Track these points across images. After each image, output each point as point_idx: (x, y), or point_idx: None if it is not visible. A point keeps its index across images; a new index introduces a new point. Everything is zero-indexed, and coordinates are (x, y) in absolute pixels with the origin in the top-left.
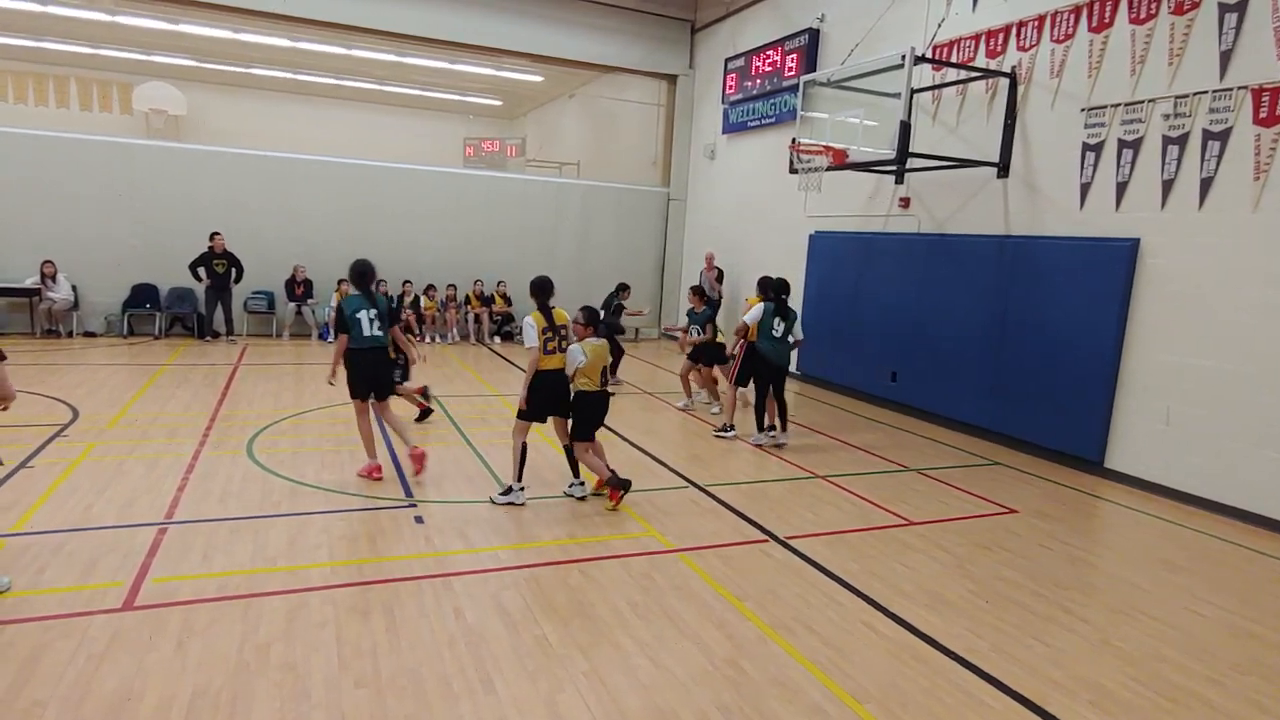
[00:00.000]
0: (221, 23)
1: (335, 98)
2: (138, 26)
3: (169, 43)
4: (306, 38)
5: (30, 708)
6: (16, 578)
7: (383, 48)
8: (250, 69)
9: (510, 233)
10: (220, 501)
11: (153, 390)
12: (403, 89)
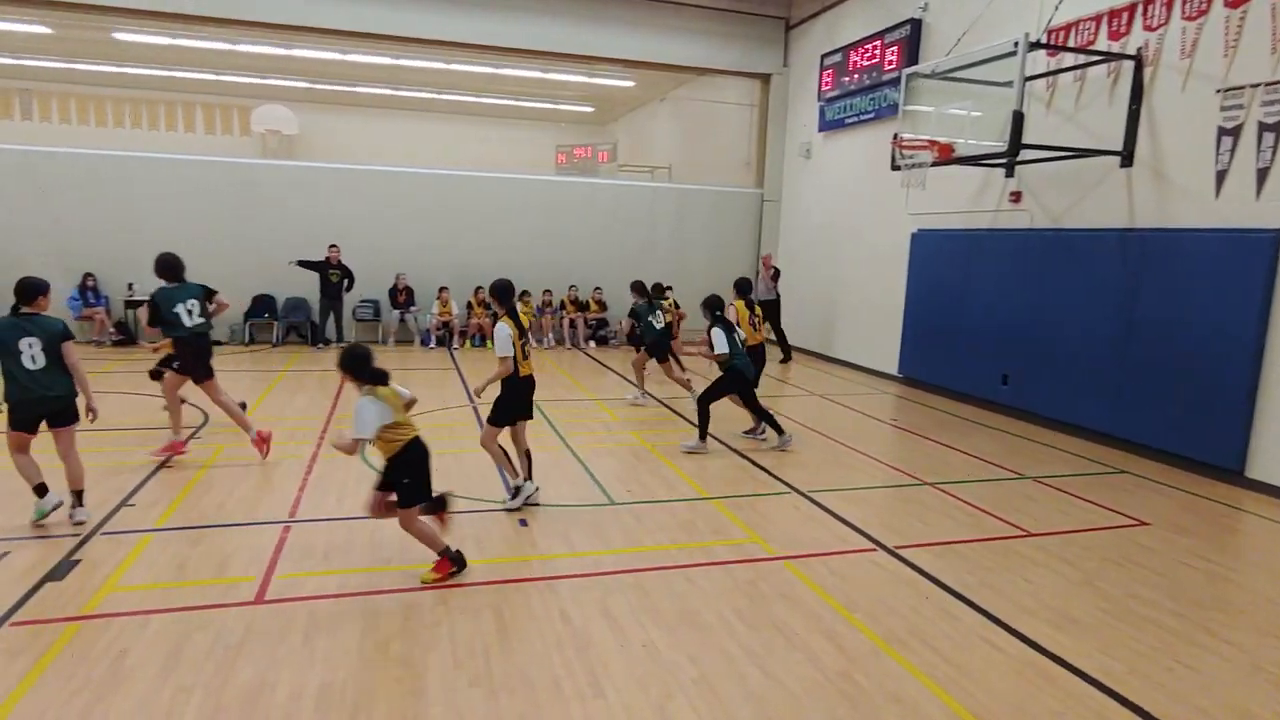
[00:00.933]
0: (331, 45)
1: (434, 111)
2: (255, 53)
3: (283, 66)
4: (408, 55)
5: (177, 693)
6: (162, 569)
7: (480, 61)
8: (355, 88)
9: (604, 238)
10: (337, 502)
11: (272, 395)
12: (497, 100)
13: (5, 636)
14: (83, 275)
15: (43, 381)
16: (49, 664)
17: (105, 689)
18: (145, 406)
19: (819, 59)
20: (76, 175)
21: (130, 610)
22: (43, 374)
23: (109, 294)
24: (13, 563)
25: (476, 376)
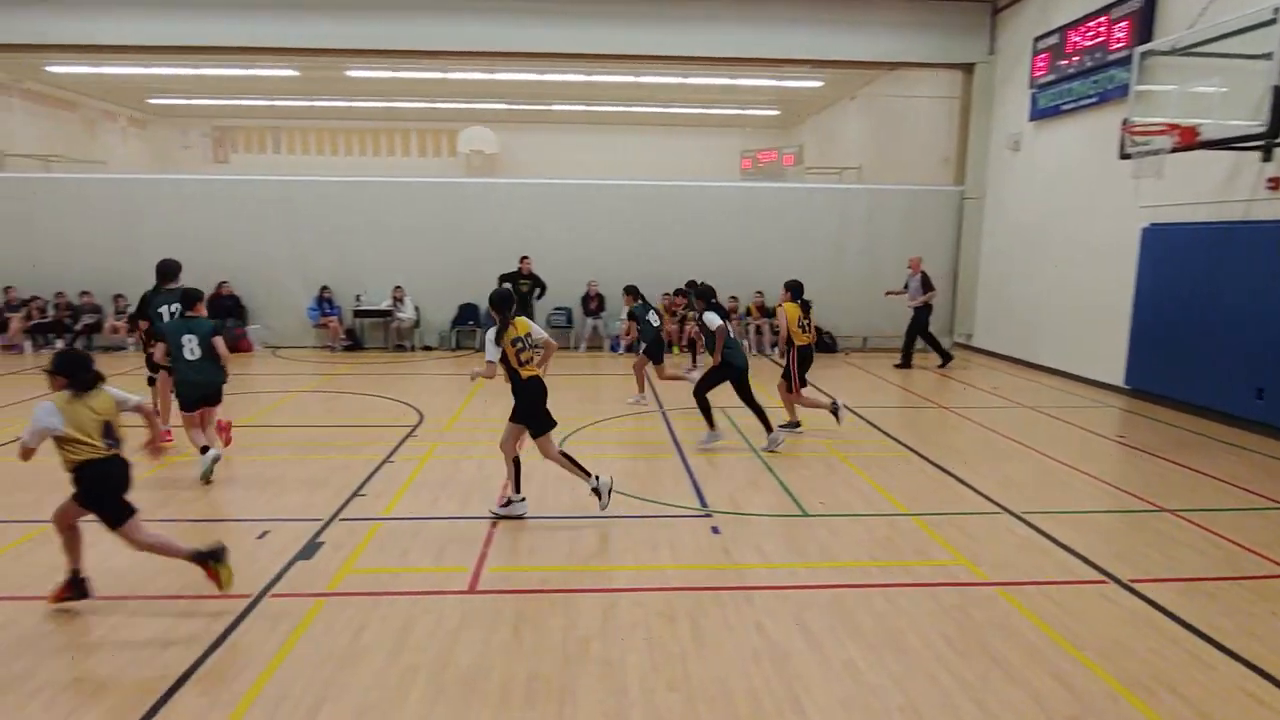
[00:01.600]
0: (530, 67)
1: (623, 124)
2: (462, 79)
3: (486, 90)
4: (600, 71)
5: (406, 671)
6: (389, 555)
7: (668, 71)
8: (550, 106)
9: (792, 242)
10: (538, 501)
11: (478, 398)
12: (684, 109)
13: (268, 606)
14: (320, 288)
15: (198, 368)
16: (302, 633)
17: (346, 661)
18: (372, 406)
19: (1031, 43)
20: (315, 200)
21: (365, 591)
22: (199, 363)
23: (341, 305)
24: (271, 542)
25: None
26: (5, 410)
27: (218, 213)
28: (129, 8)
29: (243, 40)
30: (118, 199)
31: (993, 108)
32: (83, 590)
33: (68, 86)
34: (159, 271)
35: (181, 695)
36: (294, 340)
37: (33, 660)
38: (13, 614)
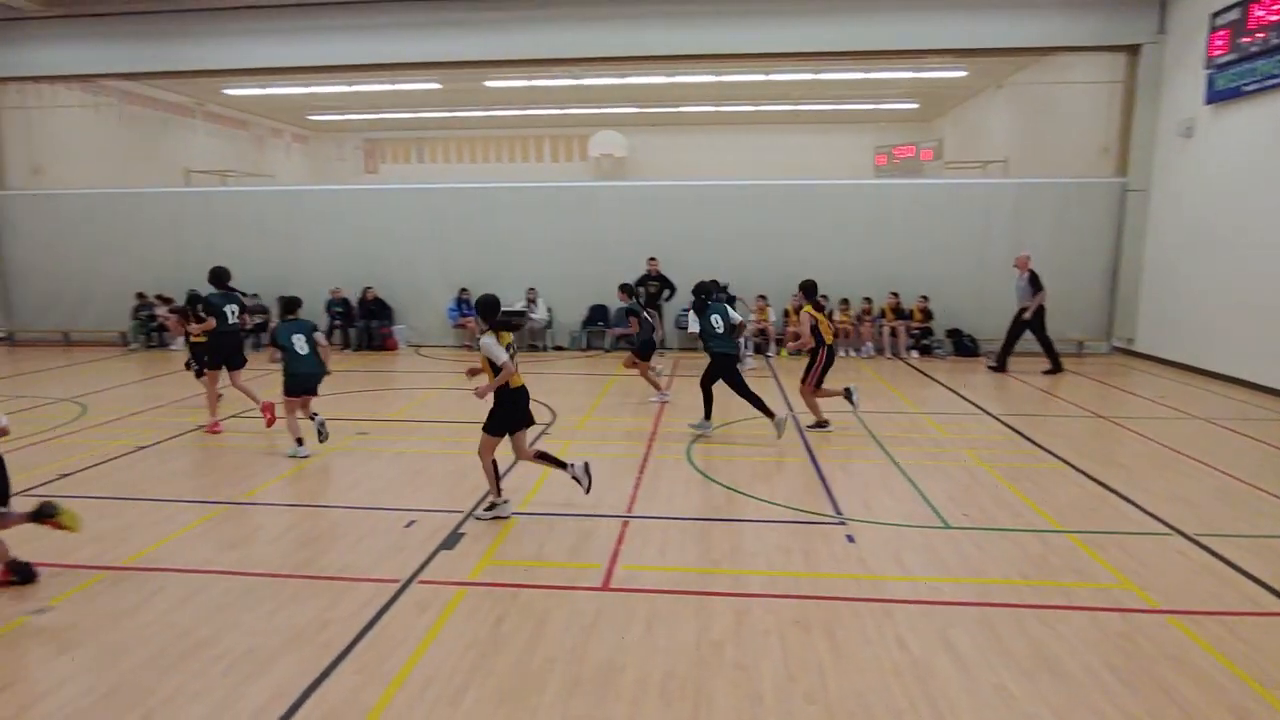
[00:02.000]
0: (661, 70)
1: (753, 124)
2: (593, 85)
3: (616, 95)
4: (731, 71)
5: (545, 662)
6: (526, 548)
7: (801, 68)
8: (680, 108)
9: (931, 241)
10: (668, 501)
11: (608, 398)
12: (816, 106)
13: (416, 592)
14: (459, 289)
15: (307, 361)
16: (446, 620)
17: (488, 649)
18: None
19: (1207, 19)
20: (455, 206)
21: (504, 582)
22: (307, 357)
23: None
24: (418, 531)
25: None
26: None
27: (368, 219)
28: (293, 34)
29: (391, 57)
30: (282, 209)
31: (1161, 91)
32: (25, 574)
33: (241, 107)
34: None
35: (340, 672)
36: (435, 339)
37: (215, 629)
38: (201, 585)
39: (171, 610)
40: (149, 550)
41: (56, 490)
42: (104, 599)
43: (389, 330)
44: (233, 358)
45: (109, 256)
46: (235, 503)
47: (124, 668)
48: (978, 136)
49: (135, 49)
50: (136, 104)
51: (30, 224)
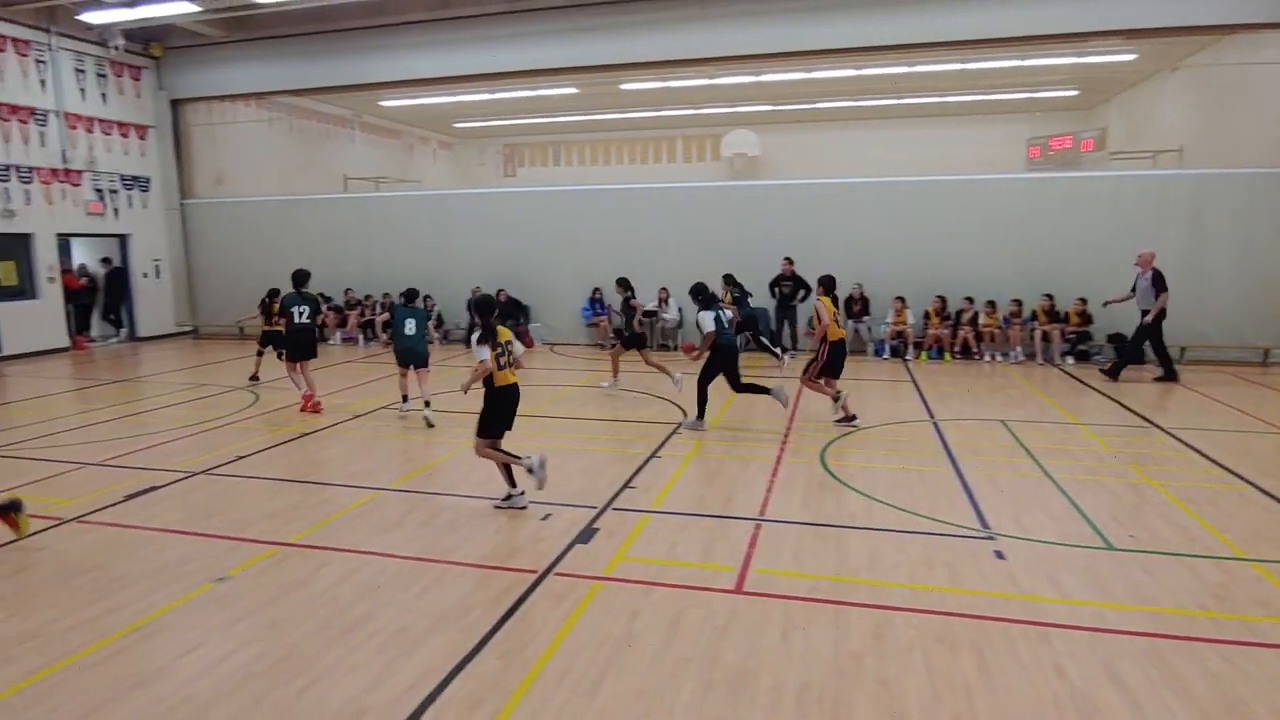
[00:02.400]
0: (797, 66)
1: (892, 118)
2: (727, 84)
3: (750, 93)
4: (872, 64)
5: (679, 662)
6: (658, 547)
7: (949, 58)
8: (815, 104)
9: (1091, 238)
10: (802, 506)
11: (739, 399)
12: (963, 97)
13: (552, 584)
14: (592, 289)
15: (412, 340)
16: (582, 613)
17: (622, 644)
18: (639, 402)
19: None
20: (589, 207)
21: (637, 579)
22: (412, 337)
23: (611, 305)
24: (554, 524)
25: (933, 390)
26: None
27: (507, 221)
28: (441, 46)
29: (531, 64)
30: (429, 212)
31: None
32: None
33: (393, 118)
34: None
35: (483, 656)
36: (569, 337)
37: (370, 607)
38: (357, 564)
39: (332, 587)
40: (312, 530)
41: (232, 470)
42: (274, 573)
43: (524, 328)
44: (300, 350)
45: (277, 257)
46: (386, 489)
47: (293, 637)
48: (1147, 124)
49: (303, 67)
50: (303, 117)
51: (212, 228)
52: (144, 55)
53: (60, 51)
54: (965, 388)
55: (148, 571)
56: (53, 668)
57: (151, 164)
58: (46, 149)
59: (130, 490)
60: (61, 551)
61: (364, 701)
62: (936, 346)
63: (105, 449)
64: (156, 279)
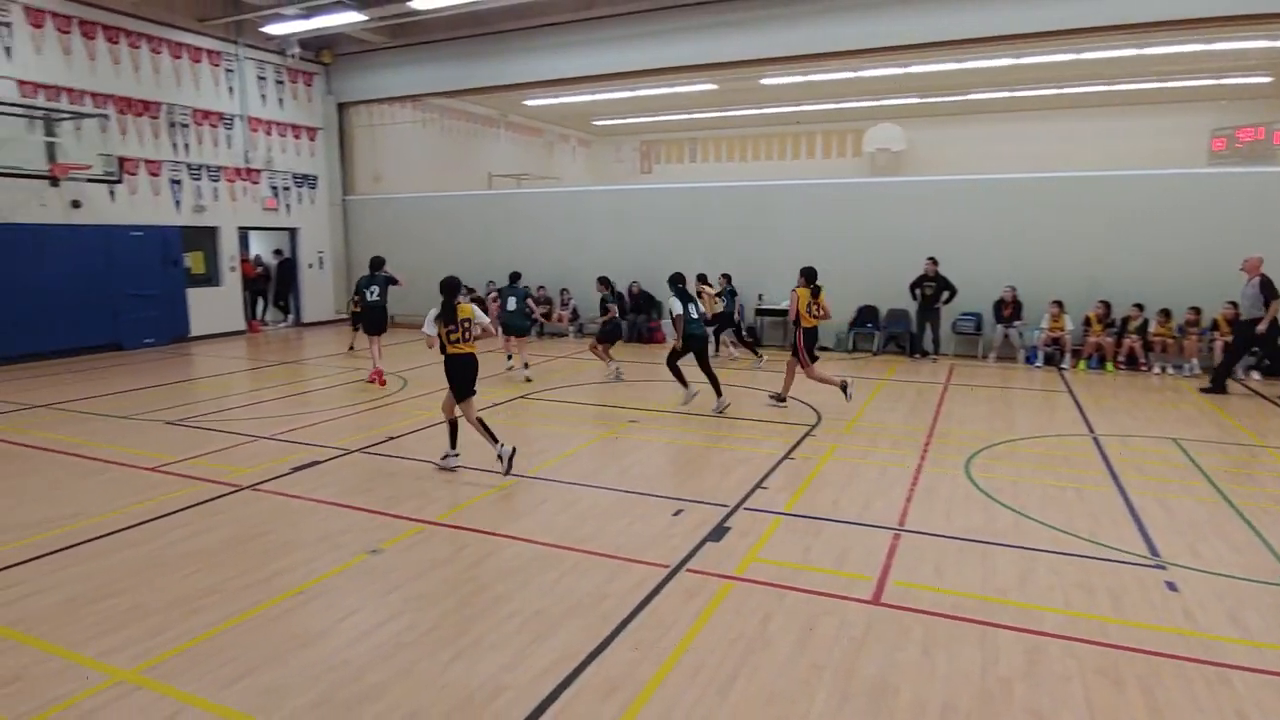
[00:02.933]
0: (948, 57)
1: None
2: (872, 76)
3: (896, 86)
4: (1031, 51)
5: (811, 669)
6: (791, 550)
7: (1122, 43)
8: (966, 95)
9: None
10: (945, 518)
11: (875, 402)
12: (1135, 85)
13: (684, 580)
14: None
15: (511, 315)
16: (714, 611)
17: (755, 645)
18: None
19: None
20: (724, 204)
21: (769, 581)
22: (512, 313)
23: (744, 303)
24: (685, 520)
25: (1093, 403)
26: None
27: (642, 217)
28: (582, 46)
29: (670, 61)
30: (567, 207)
31: None
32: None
33: (536, 117)
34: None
35: (617, 645)
36: None
37: (509, 588)
38: (496, 546)
39: (473, 566)
40: (454, 511)
41: (383, 449)
42: (421, 549)
43: (656, 324)
44: (371, 326)
45: (427, 250)
46: (524, 476)
47: (438, 611)
48: None
49: (456, 70)
50: (453, 118)
51: (370, 223)
52: (315, 62)
53: (246, 61)
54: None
55: (310, 539)
56: (231, 621)
57: (319, 163)
58: (232, 150)
59: (296, 464)
60: (239, 516)
61: (504, 679)
62: (1097, 355)
63: (274, 424)
64: (320, 269)
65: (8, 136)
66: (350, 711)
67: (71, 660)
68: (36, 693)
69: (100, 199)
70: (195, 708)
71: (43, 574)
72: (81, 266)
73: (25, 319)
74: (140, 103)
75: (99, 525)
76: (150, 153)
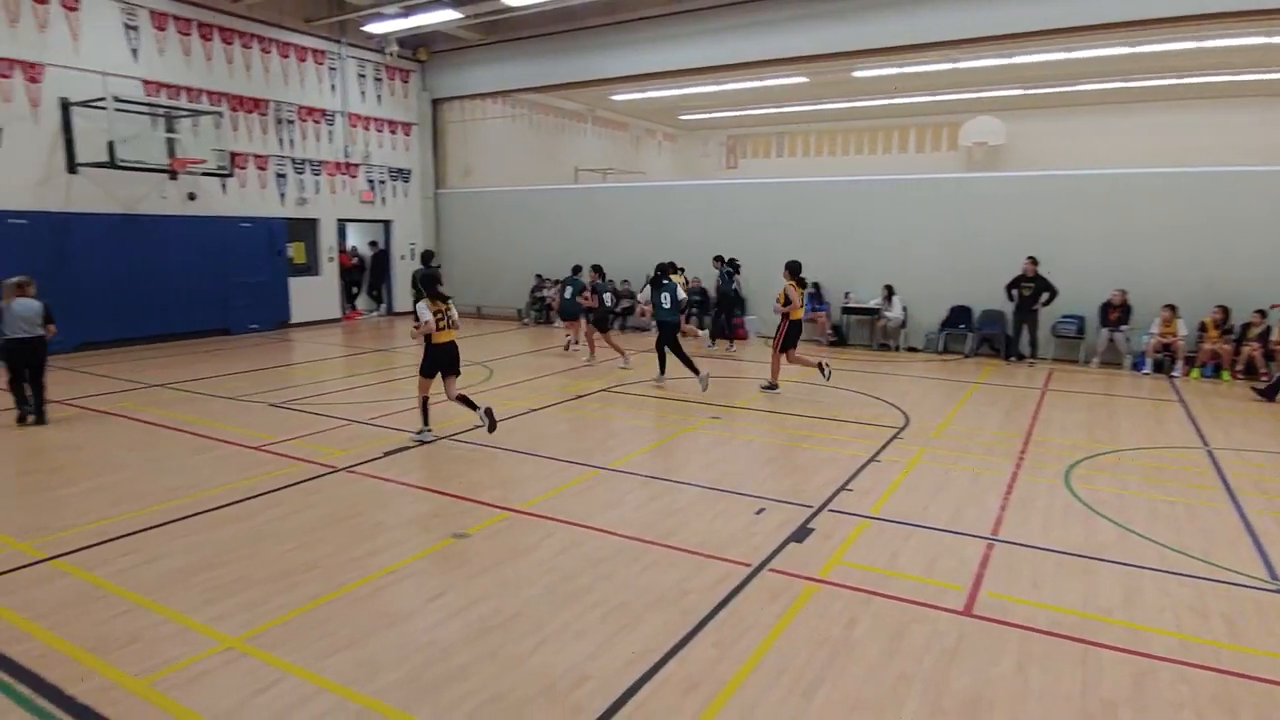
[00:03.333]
0: (1056, 45)
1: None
2: (972, 68)
3: (997, 77)
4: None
5: (899, 679)
6: (878, 555)
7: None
8: (1074, 86)
9: None
10: (1042, 530)
11: (968, 406)
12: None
13: (766, 579)
14: (812, 283)
15: (567, 303)
16: (797, 612)
17: (840, 649)
18: (855, 403)
19: None
20: (812, 200)
21: (855, 585)
22: (568, 301)
23: (830, 301)
24: (768, 519)
25: (1207, 414)
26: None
27: (727, 213)
28: (671, 40)
29: (760, 54)
30: (652, 202)
31: None
32: None
33: (623, 111)
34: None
35: (699, 641)
36: None
37: (593, 579)
38: (580, 537)
39: (558, 555)
40: (540, 500)
41: (469, 438)
42: (505, 536)
43: (740, 320)
44: (601, 322)
45: (514, 243)
46: (607, 468)
47: (523, 598)
48: None
49: (546, 65)
50: (542, 113)
51: (460, 216)
52: (412, 59)
53: (347, 59)
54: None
55: (400, 522)
56: (328, 596)
57: (413, 157)
58: (333, 145)
59: (387, 448)
60: (334, 496)
61: (586, 669)
62: (1213, 364)
63: (368, 409)
64: (412, 261)
65: (133, 133)
66: (437, 690)
67: (184, 625)
68: (154, 653)
69: (213, 192)
70: (295, 676)
71: (160, 542)
72: (196, 255)
73: (147, 303)
74: (251, 100)
75: (209, 499)
76: (258, 148)
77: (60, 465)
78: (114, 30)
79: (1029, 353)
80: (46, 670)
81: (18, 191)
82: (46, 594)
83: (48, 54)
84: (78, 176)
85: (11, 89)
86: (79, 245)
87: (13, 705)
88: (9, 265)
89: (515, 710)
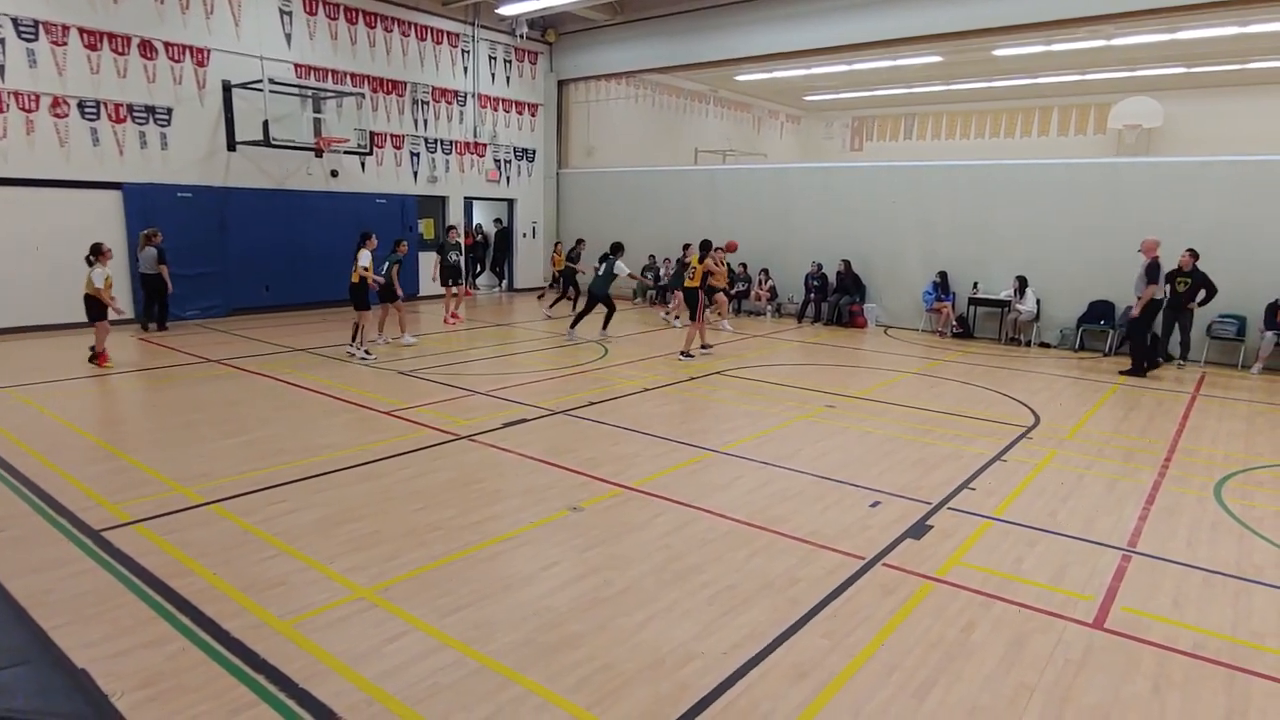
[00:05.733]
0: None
1: None
2: (1127, 44)
3: (1154, 54)
4: None
5: (1019, 688)
6: (1001, 558)
7: None
8: (1246, 64)
9: None
10: (1188, 545)
11: (1105, 408)
12: None
13: (879, 574)
14: (938, 272)
15: (596, 280)
16: (911, 610)
17: (955, 653)
18: (981, 398)
19: None
20: (942, 185)
21: (974, 588)
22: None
23: (956, 291)
24: (883, 513)
25: None
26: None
27: (851, 197)
28: (798, 18)
29: (893, 33)
30: (773, 185)
31: None
32: None
33: (746, 92)
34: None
35: (808, 630)
36: (905, 322)
37: (701, 560)
38: (690, 518)
39: (668, 534)
40: (651, 479)
41: (582, 414)
42: (617, 512)
43: (859, 308)
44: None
45: (633, 223)
46: (719, 451)
47: (633, 573)
48: None
49: (671, 45)
50: (664, 93)
51: (581, 196)
52: (540, 41)
53: (480, 42)
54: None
55: (518, 491)
56: (451, 556)
57: (538, 138)
58: (463, 125)
59: (507, 420)
60: (457, 463)
61: (693, 649)
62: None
63: (489, 381)
64: (533, 239)
65: (284, 113)
66: (551, 655)
67: (323, 573)
68: (296, 597)
69: (353, 169)
70: (419, 630)
71: (303, 495)
72: (337, 229)
73: (294, 273)
74: (390, 82)
75: (346, 458)
76: (395, 128)
77: (221, 419)
78: (270, 16)
79: (1179, 354)
80: (205, 605)
81: (186, 167)
82: (206, 535)
83: (213, 39)
84: (235, 154)
85: (181, 72)
86: (235, 218)
87: (176, 634)
88: (176, 235)
89: (625, 681)
